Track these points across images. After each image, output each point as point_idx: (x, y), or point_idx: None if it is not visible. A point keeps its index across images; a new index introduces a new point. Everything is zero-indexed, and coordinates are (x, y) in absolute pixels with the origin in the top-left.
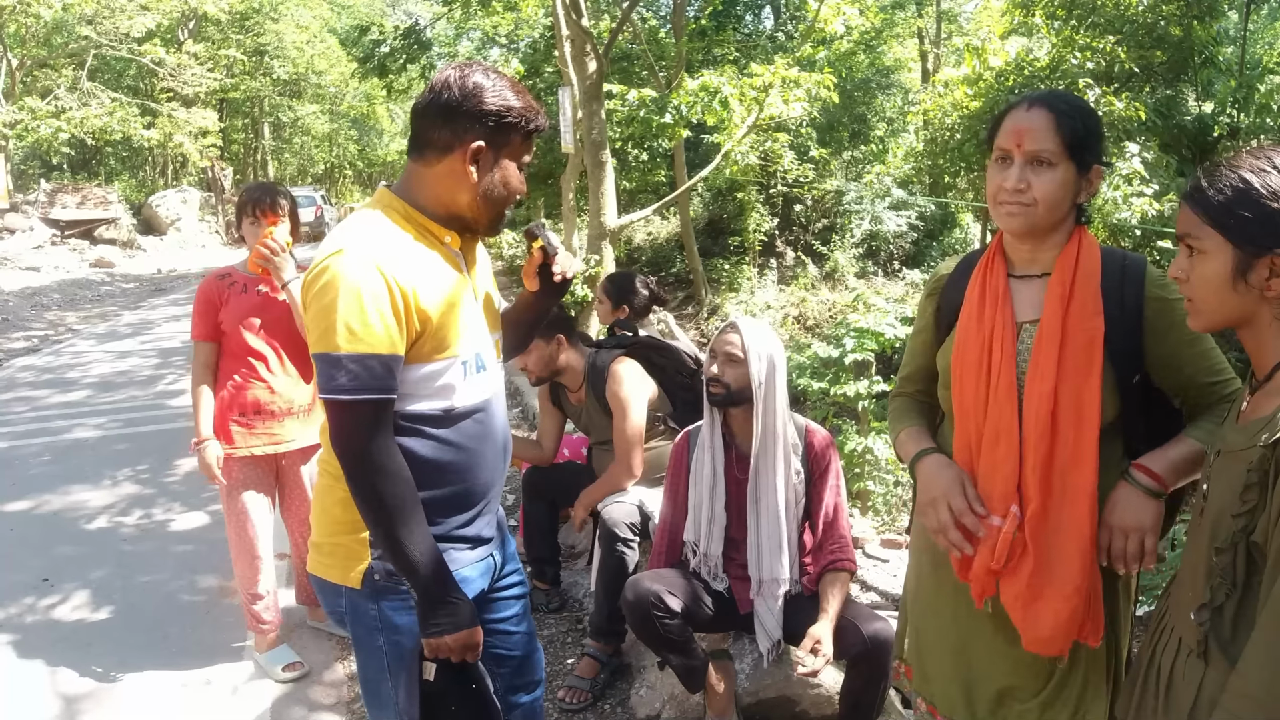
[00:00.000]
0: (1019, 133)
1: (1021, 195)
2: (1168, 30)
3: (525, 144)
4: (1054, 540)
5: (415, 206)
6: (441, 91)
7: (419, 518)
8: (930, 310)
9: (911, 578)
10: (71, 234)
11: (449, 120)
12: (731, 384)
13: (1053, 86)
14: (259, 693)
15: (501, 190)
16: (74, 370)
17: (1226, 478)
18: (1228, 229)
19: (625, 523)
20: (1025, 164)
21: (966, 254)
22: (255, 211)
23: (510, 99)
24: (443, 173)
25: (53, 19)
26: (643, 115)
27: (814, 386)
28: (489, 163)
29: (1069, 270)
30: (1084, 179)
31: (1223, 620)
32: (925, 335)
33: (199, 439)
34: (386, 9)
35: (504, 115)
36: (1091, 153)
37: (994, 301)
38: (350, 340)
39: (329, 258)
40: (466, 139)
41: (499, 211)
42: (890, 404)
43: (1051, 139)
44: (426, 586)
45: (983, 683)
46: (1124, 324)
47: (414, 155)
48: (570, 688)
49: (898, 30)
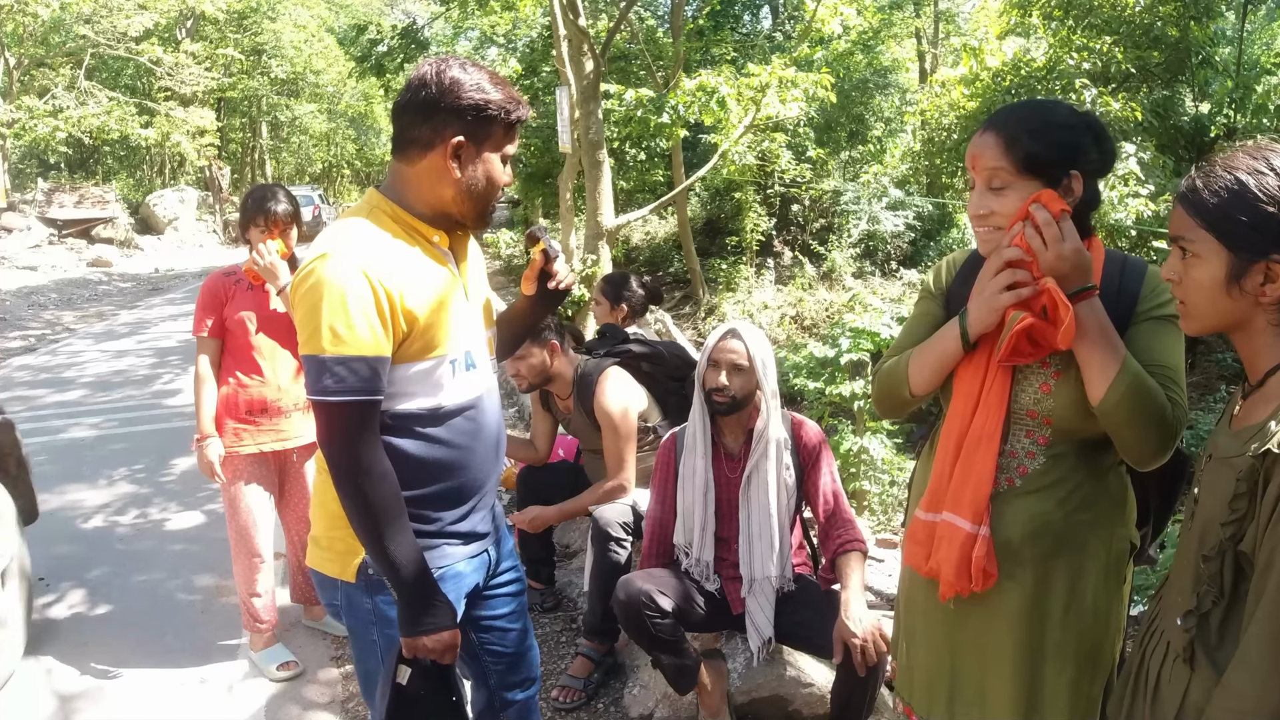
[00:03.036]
0: (973, 158)
1: (987, 220)
2: (1165, 31)
3: (507, 135)
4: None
5: (402, 206)
6: (419, 89)
7: (402, 519)
8: (937, 299)
9: (905, 576)
10: (69, 233)
11: (428, 117)
12: (738, 393)
13: (1049, 86)
14: (254, 691)
15: (484, 184)
16: (71, 370)
17: (1216, 484)
18: (1222, 233)
19: (618, 522)
20: (984, 189)
21: (969, 251)
22: (266, 223)
23: (489, 91)
24: (425, 170)
25: (50, 18)
26: (640, 115)
27: (810, 386)
28: (471, 157)
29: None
30: (1060, 189)
31: (1209, 627)
32: (926, 319)
33: (201, 435)
34: (384, 8)
35: (483, 108)
36: (1060, 164)
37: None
38: (335, 343)
39: (314, 261)
40: (446, 134)
41: (484, 205)
42: (885, 365)
43: (1003, 160)
44: (407, 587)
45: (966, 683)
46: (1117, 321)
47: (397, 154)
48: (564, 687)
49: (895, 30)
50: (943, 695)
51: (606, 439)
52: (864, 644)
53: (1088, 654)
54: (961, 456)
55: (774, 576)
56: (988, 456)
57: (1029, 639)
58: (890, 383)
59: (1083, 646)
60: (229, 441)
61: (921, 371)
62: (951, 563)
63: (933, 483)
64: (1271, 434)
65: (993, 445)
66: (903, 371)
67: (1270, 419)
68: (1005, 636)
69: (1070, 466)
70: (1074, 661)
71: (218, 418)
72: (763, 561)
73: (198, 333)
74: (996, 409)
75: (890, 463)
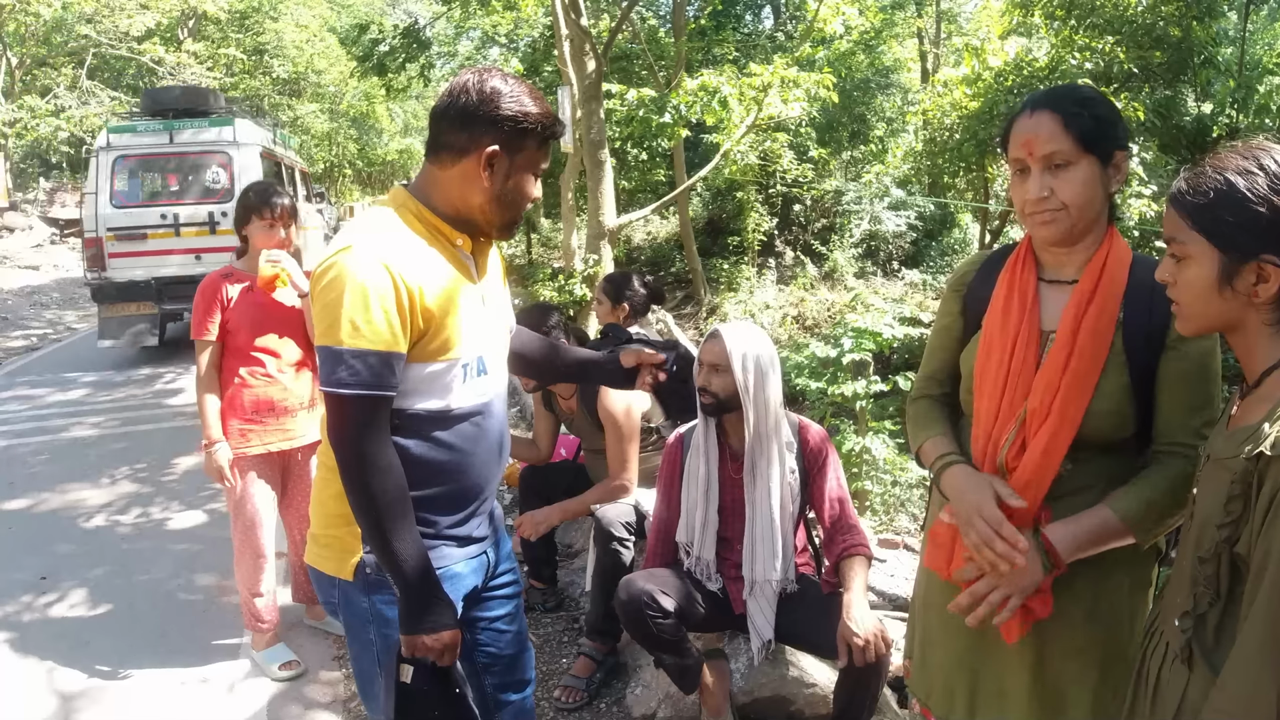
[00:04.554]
0: (1028, 141)
1: (1048, 202)
2: (1167, 31)
3: (541, 150)
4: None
5: (428, 207)
6: (459, 95)
7: (408, 516)
8: (955, 308)
9: (922, 577)
10: (70, 233)
11: (466, 124)
12: (720, 393)
13: (1052, 86)
14: (256, 691)
15: (515, 196)
16: (72, 369)
17: (1213, 486)
18: (1212, 233)
19: (621, 522)
20: (1043, 171)
21: (993, 250)
22: (271, 216)
23: (528, 105)
24: (457, 176)
25: (52, 17)
26: (642, 115)
27: (812, 386)
28: (504, 168)
29: (1093, 281)
30: (1109, 169)
31: (1205, 628)
32: (949, 333)
33: (209, 441)
34: (386, 8)
35: (520, 121)
36: (1110, 140)
37: (1021, 307)
38: (353, 335)
39: (337, 253)
40: (482, 143)
41: (512, 217)
42: (911, 407)
43: (1063, 139)
44: (410, 584)
45: (987, 684)
46: (1149, 335)
47: (430, 157)
48: (566, 687)
49: (897, 30)
50: (963, 696)
51: (609, 438)
52: (867, 644)
53: (1112, 658)
54: (985, 463)
55: (775, 580)
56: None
57: (1052, 642)
58: (911, 434)
59: (1108, 651)
60: (235, 443)
61: (924, 458)
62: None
63: None
64: (1265, 435)
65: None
66: (915, 438)
67: (1264, 420)
68: (1028, 639)
69: (1095, 473)
70: (1098, 666)
71: (222, 419)
72: (765, 565)
73: (201, 336)
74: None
75: (892, 462)
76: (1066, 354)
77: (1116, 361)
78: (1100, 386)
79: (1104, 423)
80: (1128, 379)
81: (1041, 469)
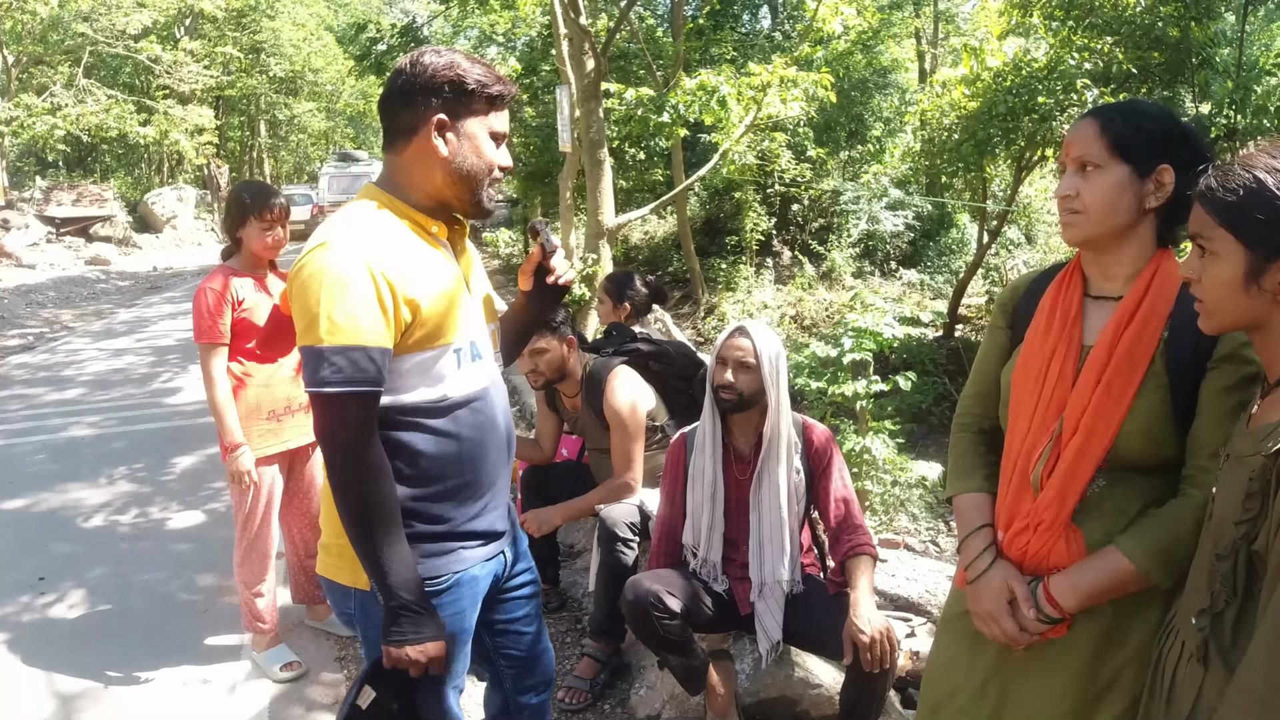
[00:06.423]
0: (1068, 144)
1: (1070, 203)
2: (1165, 31)
3: (491, 108)
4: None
5: (398, 197)
6: (397, 76)
7: (395, 519)
8: (1003, 323)
9: (954, 596)
10: (67, 231)
11: (408, 101)
12: (744, 390)
13: (1051, 87)
14: (257, 692)
15: (474, 160)
16: (69, 368)
17: (1231, 483)
18: (1240, 230)
19: (625, 522)
20: (1075, 172)
21: (1046, 268)
22: (269, 216)
23: (464, 66)
24: (414, 156)
25: (49, 15)
26: (640, 114)
27: (812, 386)
28: (455, 133)
29: (1138, 296)
30: (1148, 182)
31: (1223, 626)
32: (996, 350)
33: (234, 445)
34: (383, 6)
35: (459, 82)
36: (1152, 152)
37: (1063, 320)
38: (333, 333)
39: (312, 251)
40: (427, 115)
41: (476, 186)
42: (953, 437)
43: (1095, 142)
44: (394, 591)
45: (1013, 709)
46: (1196, 358)
47: (387, 148)
48: (570, 688)
49: (895, 30)
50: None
51: (615, 437)
52: (874, 642)
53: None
54: (1014, 479)
55: (784, 580)
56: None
57: (1087, 668)
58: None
59: (1140, 679)
60: (257, 444)
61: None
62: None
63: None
64: None
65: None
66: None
67: None
68: (1060, 662)
69: (1132, 495)
70: (1129, 692)
71: (245, 422)
72: (773, 565)
73: (210, 338)
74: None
75: (893, 462)
76: (1101, 368)
77: (1157, 382)
78: (1135, 405)
79: (1135, 442)
80: (1166, 400)
81: (1067, 484)
